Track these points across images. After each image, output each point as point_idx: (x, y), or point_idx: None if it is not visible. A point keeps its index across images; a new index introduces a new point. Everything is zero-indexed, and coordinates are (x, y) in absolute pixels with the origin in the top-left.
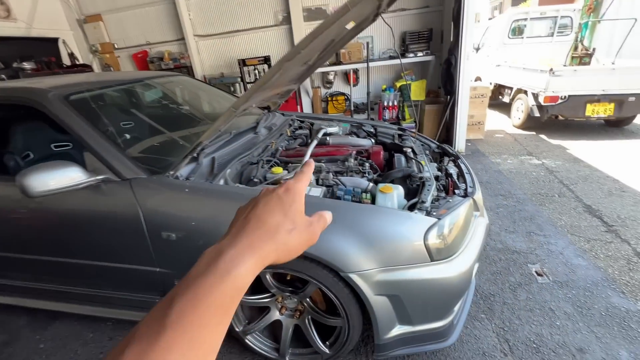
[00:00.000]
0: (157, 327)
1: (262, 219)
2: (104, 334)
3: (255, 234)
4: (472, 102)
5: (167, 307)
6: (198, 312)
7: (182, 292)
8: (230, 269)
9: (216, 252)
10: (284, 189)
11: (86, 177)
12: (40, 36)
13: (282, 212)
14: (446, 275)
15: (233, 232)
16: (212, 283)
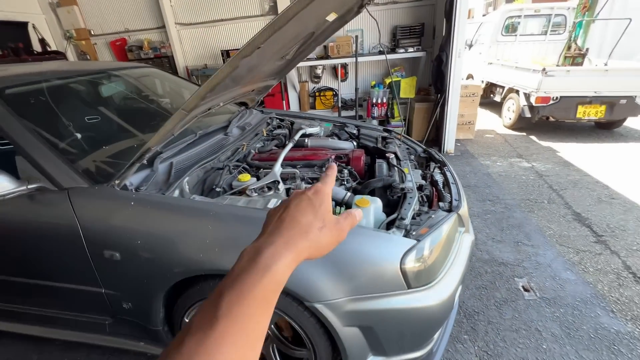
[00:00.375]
0: (210, 318)
1: (296, 218)
2: (52, 355)
3: (290, 233)
4: (462, 101)
5: (217, 301)
6: (245, 305)
7: (228, 287)
8: (270, 265)
9: (255, 250)
10: (313, 191)
11: (14, 187)
12: (7, 19)
13: (313, 212)
14: (425, 304)
15: (268, 231)
16: (255, 278)
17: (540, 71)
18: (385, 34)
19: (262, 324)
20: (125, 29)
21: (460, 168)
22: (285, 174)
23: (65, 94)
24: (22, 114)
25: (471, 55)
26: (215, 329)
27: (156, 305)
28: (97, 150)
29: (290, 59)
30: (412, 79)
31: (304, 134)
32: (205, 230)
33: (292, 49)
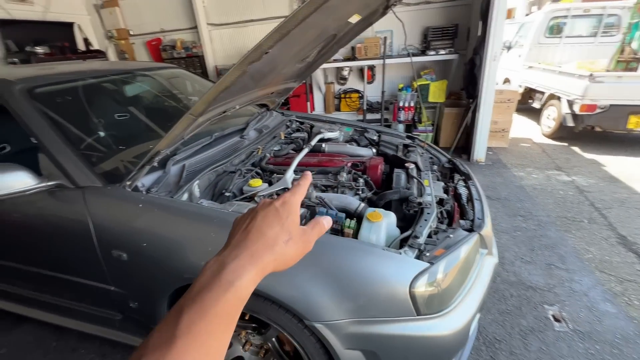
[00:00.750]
0: (168, 336)
1: (262, 230)
2: (68, 344)
3: (255, 246)
4: (497, 106)
5: (176, 318)
6: (206, 322)
7: (189, 303)
8: (233, 281)
9: (219, 264)
10: (281, 202)
11: (35, 183)
12: (56, 20)
13: (279, 224)
14: (436, 333)
15: (233, 243)
16: (217, 294)
17: (586, 77)
18: (416, 35)
19: (224, 340)
20: (161, 29)
21: (490, 179)
22: None
23: (92, 93)
24: (49, 112)
25: (510, 57)
26: (173, 347)
27: (160, 308)
28: (116, 150)
29: (312, 62)
30: (443, 82)
31: (322, 138)
32: (208, 237)
33: (313, 51)
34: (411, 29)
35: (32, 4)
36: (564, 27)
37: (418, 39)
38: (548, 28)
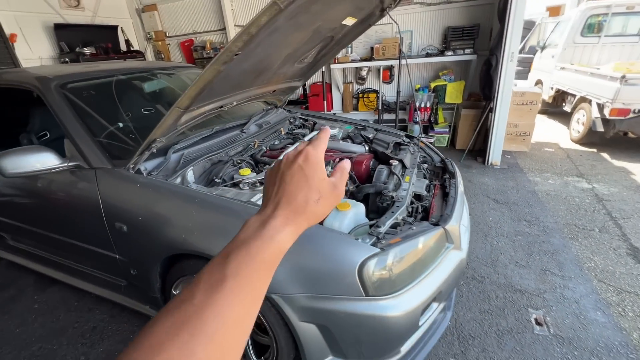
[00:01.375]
0: (218, 276)
1: (292, 195)
2: (86, 305)
3: (288, 209)
4: (518, 109)
5: (224, 261)
6: (252, 266)
7: (235, 250)
8: (274, 236)
9: (260, 222)
10: (303, 157)
11: (58, 163)
12: (103, 24)
13: (307, 185)
14: (383, 313)
15: (270, 205)
16: (260, 245)
17: (618, 79)
18: (437, 35)
19: (265, 284)
20: (193, 31)
21: (502, 182)
22: None
23: (116, 88)
24: (76, 104)
25: (543, 59)
26: (224, 286)
27: (153, 275)
28: (128, 138)
29: (313, 62)
30: (460, 83)
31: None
32: (190, 215)
33: (311, 52)
34: (432, 28)
35: (83, 10)
36: (603, 25)
37: (439, 39)
38: (585, 27)
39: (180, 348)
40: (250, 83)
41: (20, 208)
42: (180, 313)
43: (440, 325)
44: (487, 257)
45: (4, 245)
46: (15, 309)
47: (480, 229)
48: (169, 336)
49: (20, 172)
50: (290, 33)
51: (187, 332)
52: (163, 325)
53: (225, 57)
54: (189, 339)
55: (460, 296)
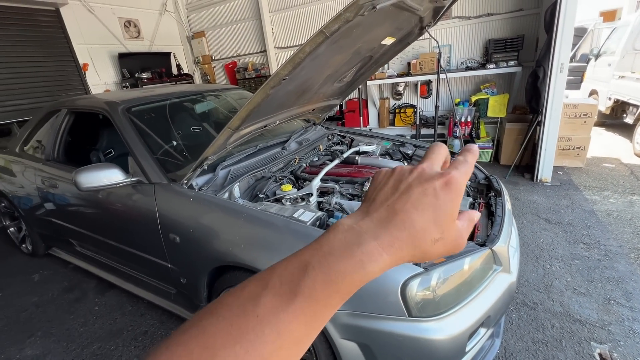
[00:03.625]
0: (289, 292)
1: (410, 218)
2: (138, 310)
3: (399, 235)
4: (571, 122)
5: (301, 274)
6: (326, 293)
7: (315, 265)
8: (366, 264)
9: (355, 235)
10: (443, 182)
11: (123, 178)
12: (158, 51)
13: (433, 215)
14: (428, 336)
15: (376, 217)
16: (345, 270)
17: None
18: (477, 48)
19: (333, 312)
20: (237, 53)
21: (554, 201)
22: (325, 188)
23: (171, 110)
24: (138, 125)
25: (597, 68)
26: (292, 304)
27: (201, 285)
28: (182, 156)
29: (351, 81)
30: (504, 96)
31: (357, 151)
32: (236, 229)
33: (350, 72)
34: (472, 42)
35: (142, 40)
36: None
37: (479, 51)
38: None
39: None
40: (292, 103)
41: (87, 217)
42: (240, 321)
43: (488, 353)
44: (540, 282)
45: (72, 251)
46: (79, 310)
47: (530, 250)
48: (225, 344)
49: (92, 186)
50: (332, 56)
51: (243, 347)
52: (219, 328)
53: (274, 82)
54: (244, 355)
55: (510, 323)
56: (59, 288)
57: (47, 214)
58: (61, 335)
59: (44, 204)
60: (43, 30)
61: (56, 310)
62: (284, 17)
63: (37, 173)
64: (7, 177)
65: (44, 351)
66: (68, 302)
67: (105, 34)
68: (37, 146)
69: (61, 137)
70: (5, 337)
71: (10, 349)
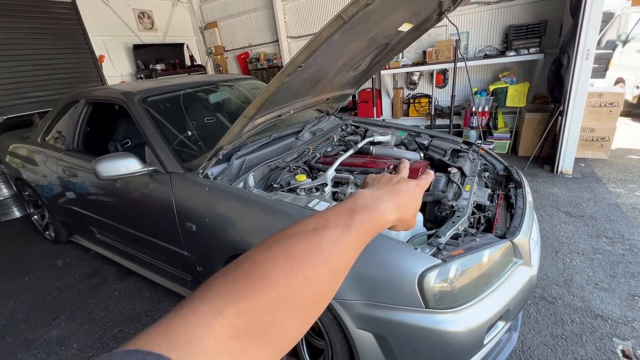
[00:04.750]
0: (345, 225)
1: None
2: (156, 296)
3: (399, 203)
4: (595, 112)
5: (350, 214)
6: (368, 227)
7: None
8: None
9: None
10: (416, 183)
11: (141, 168)
12: (171, 42)
13: (413, 199)
14: (444, 327)
15: (386, 190)
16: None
17: None
18: (496, 35)
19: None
20: (249, 44)
21: (576, 194)
22: (339, 179)
23: (186, 101)
24: (154, 115)
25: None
26: (349, 233)
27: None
28: (197, 146)
29: (366, 69)
30: (524, 85)
31: (371, 141)
32: (252, 218)
33: (365, 60)
34: (490, 28)
35: (156, 31)
36: None
37: (499, 38)
38: None
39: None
40: (306, 92)
41: (106, 206)
42: (316, 243)
43: (505, 346)
44: (559, 276)
45: (92, 239)
46: (100, 295)
47: (549, 244)
48: (309, 257)
49: (111, 175)
50: (348, 43)
51: (322, 260)
52: (302, 247)
53: (290, 69)
54: (322, 267)
55: (528, 317)
56: (81, 274)
57: (68, 202)
58: (84, 318)
59: (65, 192)
60: (61, 22)
61: (79, 295)
62: (296, 6)
63: (58, 162)
64: (31, 166)
65: (68, 333)
66: (89, 287)
67: (120, 25)
68: (58, 136)
69: (80, 128)
70: (32, 319)
71: (37, 330)
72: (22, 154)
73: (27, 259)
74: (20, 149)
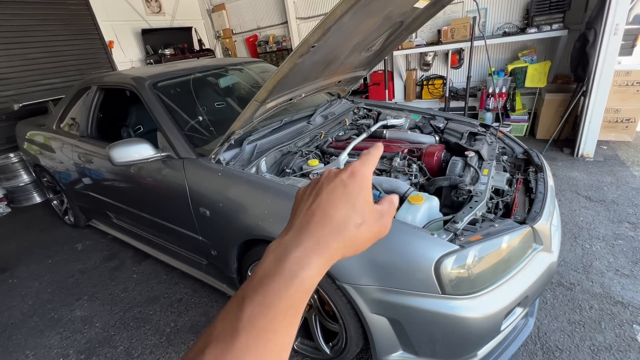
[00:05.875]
0: (231, 330)
1: (328, 213)
2: (172, 279)
3: (321, 232)
4: (621, 91)
5: (239, 309)
6: (269, 317)
7: (251, 294)
8: (297, 272)
9: (282, 250)
10: (348, 173)
11: (154, 153)
12: (180, 26)
13: (349, 203)
14: (462, 314)
15: (297, 225)
16: (279, 287)
17: None
18: (517, 11)
19: (288, 334)
20: (257, 26)
21: (597, 177)
22: None
23: (196, 85)
24: (165, 100)
25: None
26: (236, 343)
27: (231, 257)
28: (209, 131)
29: (379, 50)
30: (545, 64)
31: (385, 125)
32: (265, 203)
33: (379, 39)
34: (510, 4)
35: (164, 15)
36: None
37: (519, 14)
38: None
39: None
40: (318, 74)
41: (121, 191)
42: None
43: (522, 332)
44: (578, 262)
45: (110, 223)
46: (119, 277)
47: (568, 229)
48: None
49: (125, 161)
50: (362, 21)
51: None
52: None
53: (303, 50)
54: None
55: (544, 303)
56: (100, 257)
57: (85, 188)
58: (105, 299)
59: (81, 178)
60: (70, 8)
61: (99, 277)
62: None
63: (74, 149)
64: (48, 153)
65: (91, 313)
66: (109, 270)
67: (128, 9)
68: (72, 123)
69: (93, 114)
70: (57, 299)
71: (62, 310)
72: (39, 141)
73: (48, 243)
74: (37, 136)
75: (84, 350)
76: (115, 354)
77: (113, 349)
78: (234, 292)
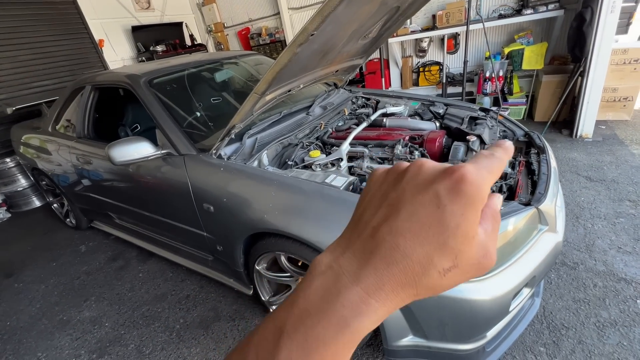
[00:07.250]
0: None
1: (400, 246)
2: (179, 276)
3: (390, 270)
4: (618, 70)
5: (275, 347)
6: None
7: (291, 332)
8: (350, 321)
9: (333, 280)
10: (451, 183)
11: (154, 151)
12: (170, 22)
13: (439, 236)
14: (470, 296)
15: (358, 247)
16: (326, 334)
17: None
18: None
19: None
20: (249, 18)
21: (596, 157)
22: (354, 153)
23: (191, 81)
24: (162, 97)
25: None
26: None
27: (237, 252)
28: (208, 127)
29: (376, 37)
30: (542, 45)
31: (384, 113)
32: (270, 196)
33: (375, 26)
34: None
35: (153, 10)
36: None
37: None
38: None
39: None
40: (316, 64)
41: (122, 191)
42: None
43: (528, 312)
44: (580, 241)
45: (112, 224)
46: (125, 277)
47: (570, 210)
48: None
49: (125, 160)
50: (359, 7)
51: None
52: None
53: (302, 38)
54: None
55: (549, 283)
56: (105, 258)
57: (85, 190)
58: (112, 299)
59: (80, 180)
60: (58, 8)
61: (105, 278)
62: None
63: (71, 151)
64: (45, 156)
65: (100, 313)
66: (114, 270)
67: (116, 6)
68: (68, 125)
69: (89, 114)
70: (64, 302)
71: (70, 311)
72: (35, 144)
73: (51, 246)
74: (33, 139)
75: (96, 350)
76: (127, 352)
77: (124, 347)
78: (241, 286)
